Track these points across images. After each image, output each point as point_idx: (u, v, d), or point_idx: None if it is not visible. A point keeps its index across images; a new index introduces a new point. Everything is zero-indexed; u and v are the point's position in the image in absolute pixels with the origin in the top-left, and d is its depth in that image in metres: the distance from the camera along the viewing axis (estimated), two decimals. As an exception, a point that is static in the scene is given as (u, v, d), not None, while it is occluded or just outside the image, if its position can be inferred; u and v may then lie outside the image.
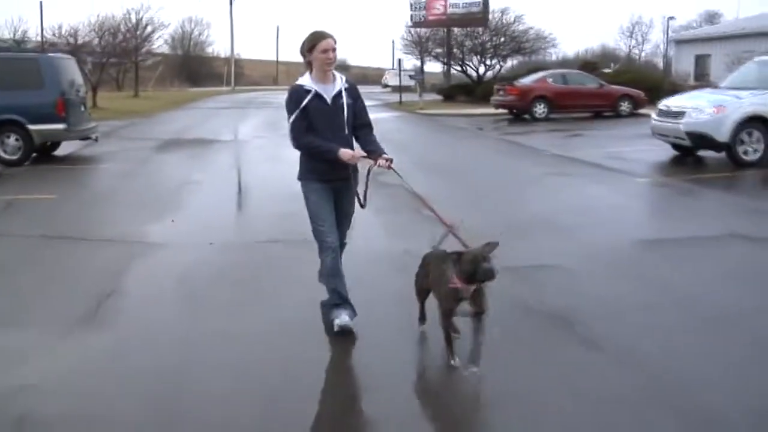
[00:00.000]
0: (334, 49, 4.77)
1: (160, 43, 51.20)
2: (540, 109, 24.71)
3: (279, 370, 4.37)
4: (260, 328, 5.11)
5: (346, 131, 4.87)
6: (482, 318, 4.21)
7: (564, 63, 57.75)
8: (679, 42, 38.47)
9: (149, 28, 44.56)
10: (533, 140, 18.06)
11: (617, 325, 5.04)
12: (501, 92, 26.07)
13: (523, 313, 5.34)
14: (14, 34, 38.00)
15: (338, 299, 4.97)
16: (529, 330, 5.02)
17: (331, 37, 4.77)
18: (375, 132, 5.08)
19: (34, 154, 14.70)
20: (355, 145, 4.97)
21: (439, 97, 38.72)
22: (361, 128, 5.00)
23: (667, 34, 59.08)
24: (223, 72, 76.05)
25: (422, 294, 4.85)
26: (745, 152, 12.50)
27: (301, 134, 4.80)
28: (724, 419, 3.71)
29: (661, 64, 61.70)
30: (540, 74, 27.00)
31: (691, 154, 13.87)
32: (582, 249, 7.15)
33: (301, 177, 4.97)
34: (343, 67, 76.65)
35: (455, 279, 4.12)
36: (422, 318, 4.94)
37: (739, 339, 4.78)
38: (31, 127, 14.28)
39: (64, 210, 9.78)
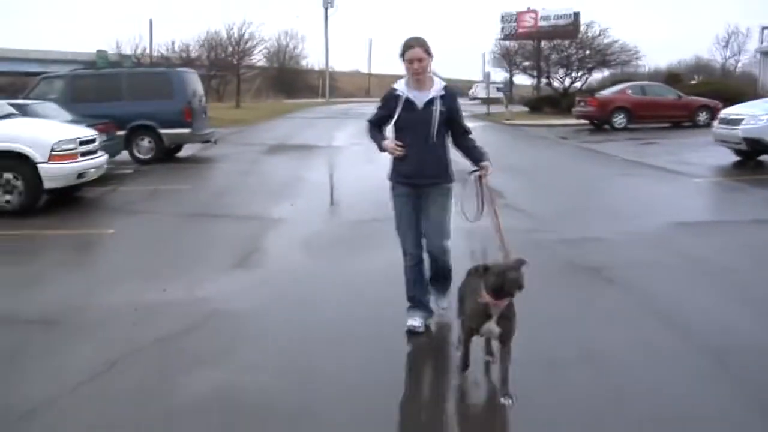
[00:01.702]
0: (420, 59, 4.81)
1: (259, 57, 54.38)
2: (619, 120, 25.95)
3: (381, 296, 6.08)
4: (365, 274, 6.90)
5: (434, 138, 4.90)
6: (508, 341, 4.14)
7: (655, 74, 58.01)
8: (766, 53, 38.73)
9: (251, 43, 47.54)
10: (608, 148, 19.41)
11: (634, 273, 6.64)
12: (582, 103, 27.42)
13: (567, 265, 7.02)
14: (135, 51, 41.28)
15: (411, 301, 5.29)
16: (568, 274, 6.72)
17: (419, 46, 4.84)
18: None
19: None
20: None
21: (526, 109, 40.07)
22: (459, 135, 5.10)
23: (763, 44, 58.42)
24: (317, 84, 78.77)
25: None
26: (798, 156, 13.70)
27: (370, 125, 5.16)
28: (693, 326, 5.28)
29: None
30: (620, 86, 28.22)
31: (751, 158, 15.04)
32: (626, 227, 8.71)
33: (390, 177, 5.19)
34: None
35: (483, 293, 4.05)
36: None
37: (723, 285, 6.33)
38: (162, 131, 16.67)
39: (200, 196, 11.89)
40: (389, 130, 5.12)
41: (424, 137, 4.88)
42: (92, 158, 10.95)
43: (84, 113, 14.65)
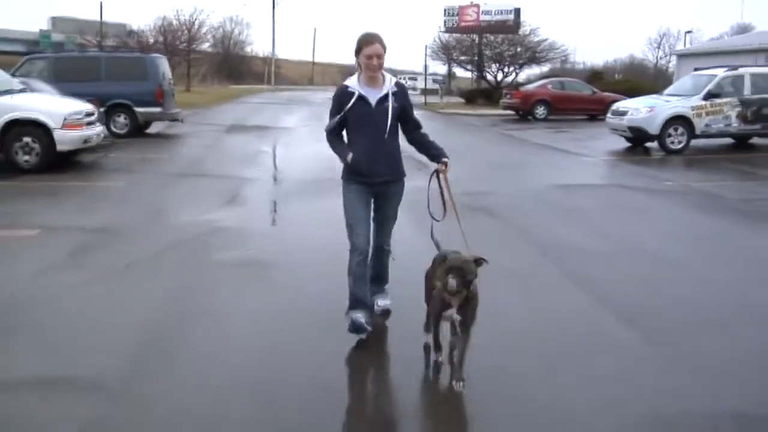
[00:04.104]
0: (379, 56, 4.75)
1: (208, 45, 56.36)
2: (540, 111, 29.13)
3: (331, 220, 8.72)
4: (318, 210, 9.52)
5: (387, 135, 4.88)
6: (467, 328, 4.17)
7: (589, 71, 61.59)
8: (681, 56, 42.37)
9: (202, 29, 49.60)
10: (525, 134, 22.46)
11: (514, 212, 9.55)
12: (508, 96, 30.53)
13: (466, 208, 9.68)
14: (96, 35, 42.97)
15: (354, 303, 5.10)
16: (466, 213, 9.40)
17: (378, 42, 4.77)
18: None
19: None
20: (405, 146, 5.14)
21: (462, 100, 43.08)
22: (412, 130, 5.10)
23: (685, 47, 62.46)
24: (262, 71, 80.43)
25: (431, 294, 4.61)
26: (672, 142, 16.80)
27: (330, 132, 5.05)
28: (546, 242, 8.10)
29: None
30: (542, 81, 31.42)
31: (640, 145, 18.11)
32: (516, 187, 11.65)
33: (342, 176, 5.12)
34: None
35: (438, 283, 4.10)
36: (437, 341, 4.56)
37: (574, 219, 9.21)
38: (137, 109, 19.08)
39: (179, 163, 14.42)
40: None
41: (379, 135, 4.88)
42: (94, 128, 13.39)
43: (66, 92, 16.82)
